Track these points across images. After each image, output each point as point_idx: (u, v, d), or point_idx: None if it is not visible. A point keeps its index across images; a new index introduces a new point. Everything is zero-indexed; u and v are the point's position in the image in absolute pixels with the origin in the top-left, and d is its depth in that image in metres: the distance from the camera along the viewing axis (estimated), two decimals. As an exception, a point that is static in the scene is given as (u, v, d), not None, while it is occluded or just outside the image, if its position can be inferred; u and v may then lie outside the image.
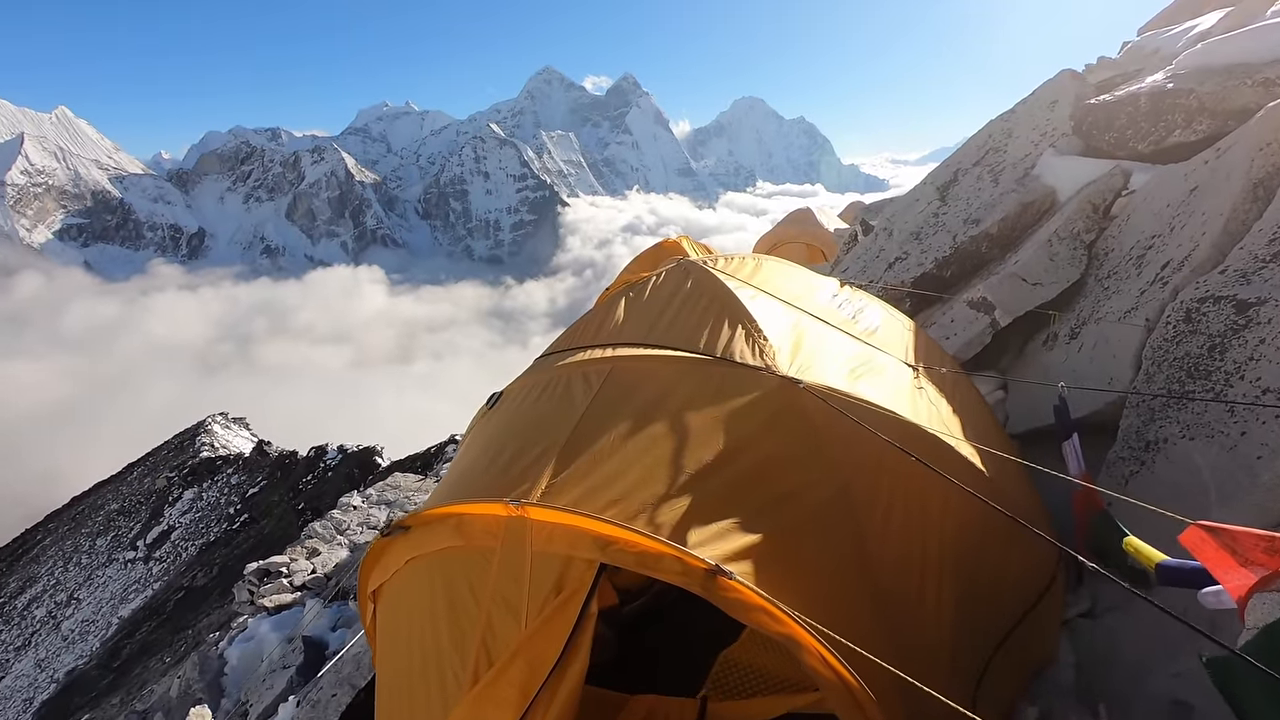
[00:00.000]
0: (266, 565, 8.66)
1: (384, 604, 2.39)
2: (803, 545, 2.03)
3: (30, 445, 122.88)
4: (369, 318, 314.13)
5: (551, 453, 2.12)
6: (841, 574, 2.04)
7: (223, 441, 38.25)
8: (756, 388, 2.31)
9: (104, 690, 20.09)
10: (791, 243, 13.55)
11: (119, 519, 35.02)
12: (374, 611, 2.41)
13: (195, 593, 23.56)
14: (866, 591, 2.08)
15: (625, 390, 2.36)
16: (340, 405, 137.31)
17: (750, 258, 3.24)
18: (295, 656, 6.42)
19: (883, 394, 2.43)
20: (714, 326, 2.54)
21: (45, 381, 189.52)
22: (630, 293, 2.94)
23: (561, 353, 2.72)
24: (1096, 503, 2.44)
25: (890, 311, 3.41)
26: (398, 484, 11.05)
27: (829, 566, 2.03)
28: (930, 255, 5.64)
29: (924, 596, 2.17)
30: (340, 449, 28.01)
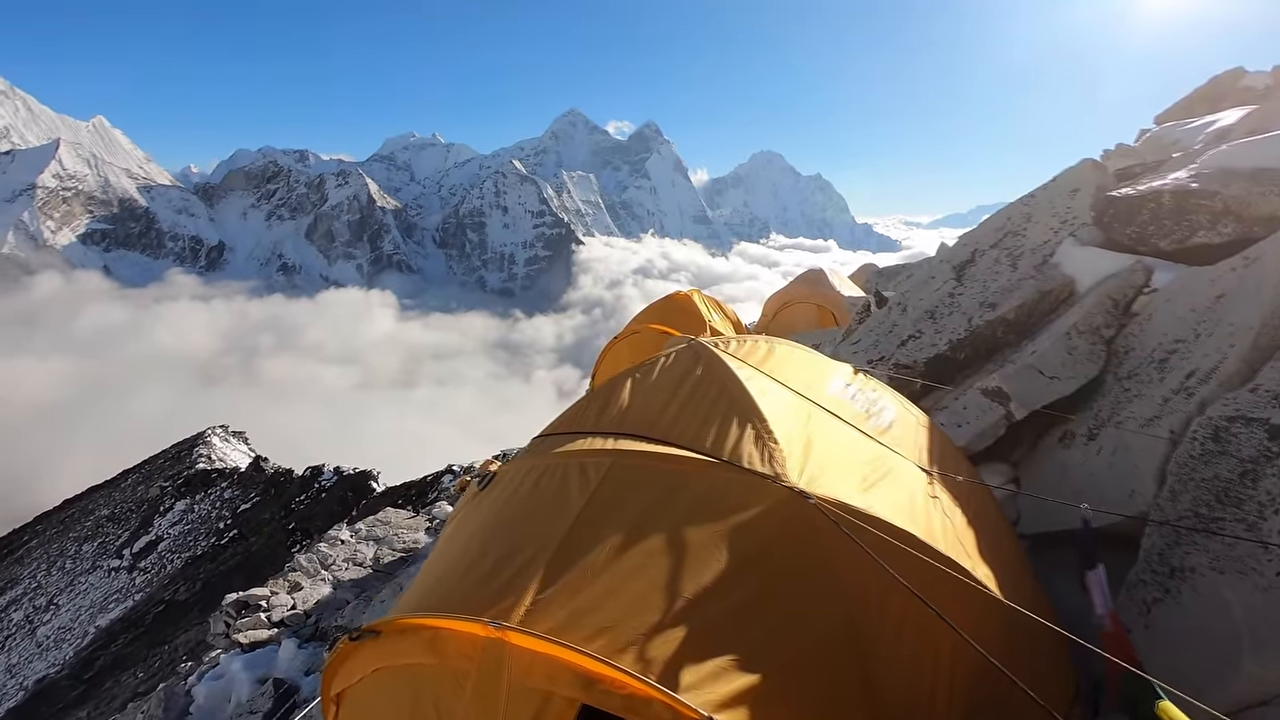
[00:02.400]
0: (246, 598, 8.45)
1: (347, 712, 2.24)
2: (805, 685, 1.88)
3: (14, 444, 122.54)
4: (377, 341, 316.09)
5: (539, 562, 1.99)
6: (845, 717, 1.88)
7: (220, 454, 38.06)
8: (763, 499, 2.18)
9: (72, 702, 19.60)
10: (803, 303, 13.56)
11: (108, 525, 34.64)
12: (335, 716, 2.26)
13: (176, 607, 23.14)
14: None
15: (623, 491, 2.24)
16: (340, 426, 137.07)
17: (763, 341, 3.16)
18: (264, 701, 6.19)
19: (896, 505, 2.30)
20: (722, 423, 2.43)
21: (45, 381, 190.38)
22: (637, 373, 2.84)
23: (561, 435, 2.63)
24: (1128, 651, 2.29)
25: (904, 404, 3.31)
26: (387, 519, 10.86)
27: (831, 711, 1.89)
28: (944, 336, 5.57)
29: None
30: (336, 470, 27.80)
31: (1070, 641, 2.54)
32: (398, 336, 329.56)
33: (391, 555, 9.36)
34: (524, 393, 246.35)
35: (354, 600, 7.98)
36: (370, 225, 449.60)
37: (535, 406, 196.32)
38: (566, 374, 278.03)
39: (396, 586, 7.38)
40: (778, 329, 13.17)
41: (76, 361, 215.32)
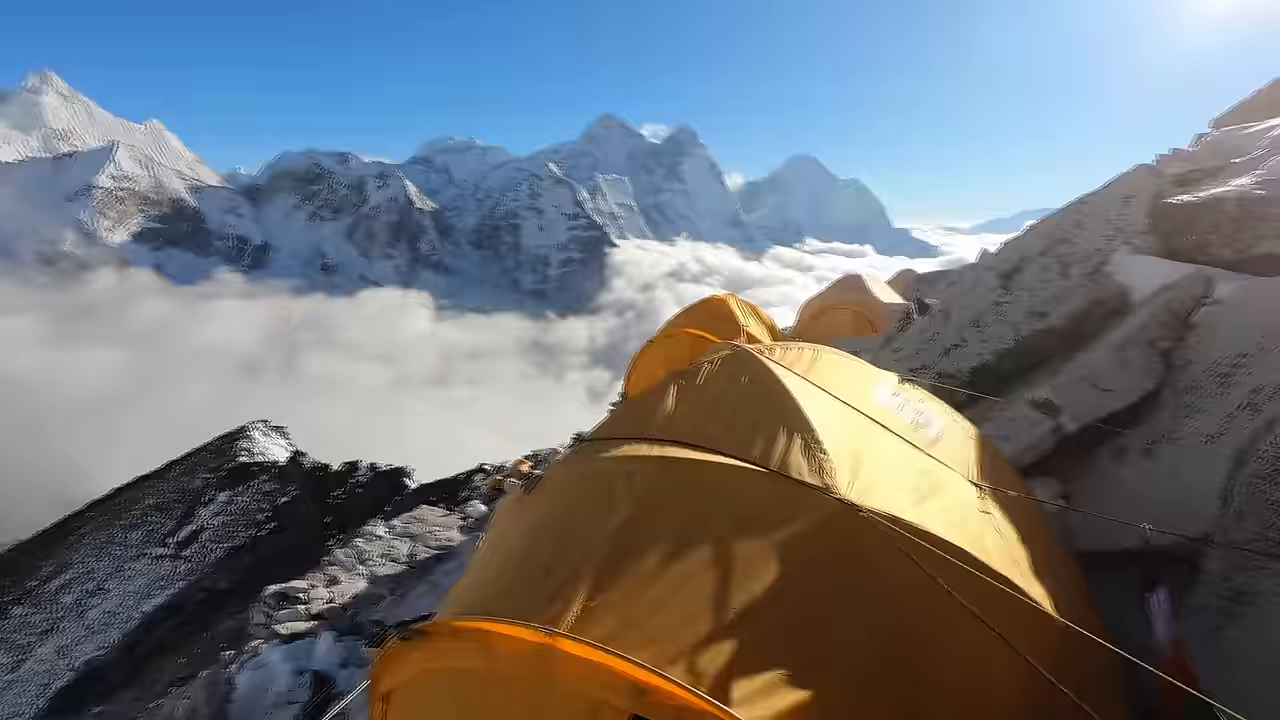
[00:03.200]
0: (285, 589, 8.65)
1: (396, 712, 2.25)
2: (856, 703, 1.83)
3: (64, 432, 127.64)
4: (413, 340, 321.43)
5: (587, 569, 1.98)
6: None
7: (261, 448, 39.07)
8: (813, 511, 2.14)
9: (118, 684, 20.27)
10: (841, 308, 13.37)
11: (154, 514, 35.79)
12: (384, 715, 2.28)
13: (216, 596, 23.82)
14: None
15: (671, 499, 2.22)
16: (376, 422, 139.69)
17: (808, 349, 3.11)
18: (302, 691, 6.32)
19: (948, 520, 2.24)
20: (770, 432, 2.39)
21: (100, 373, 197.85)
22: (682, 379, 2.82)
23: (606, 440, 2.62)
24: (1191, 678, 2.19)
25: (952, 415, 3.23)
26: (422, 517, 11.01)
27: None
28: (990, 345, 5.44)
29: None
30: (371, 467, 28.35)
31: (1128, 666, 2.45)
32: (433, 336, 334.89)
33: (426, 552, 9.50)
34: (556, 393, 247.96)
35: (390, 596, 8.11)
36: (409, 226, 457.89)
37: (567, 407, 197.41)
38: (598, 376, 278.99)
39: (431, 583, 7.48)
40: (814, 334, 13.01)
41: (128, 355, 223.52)
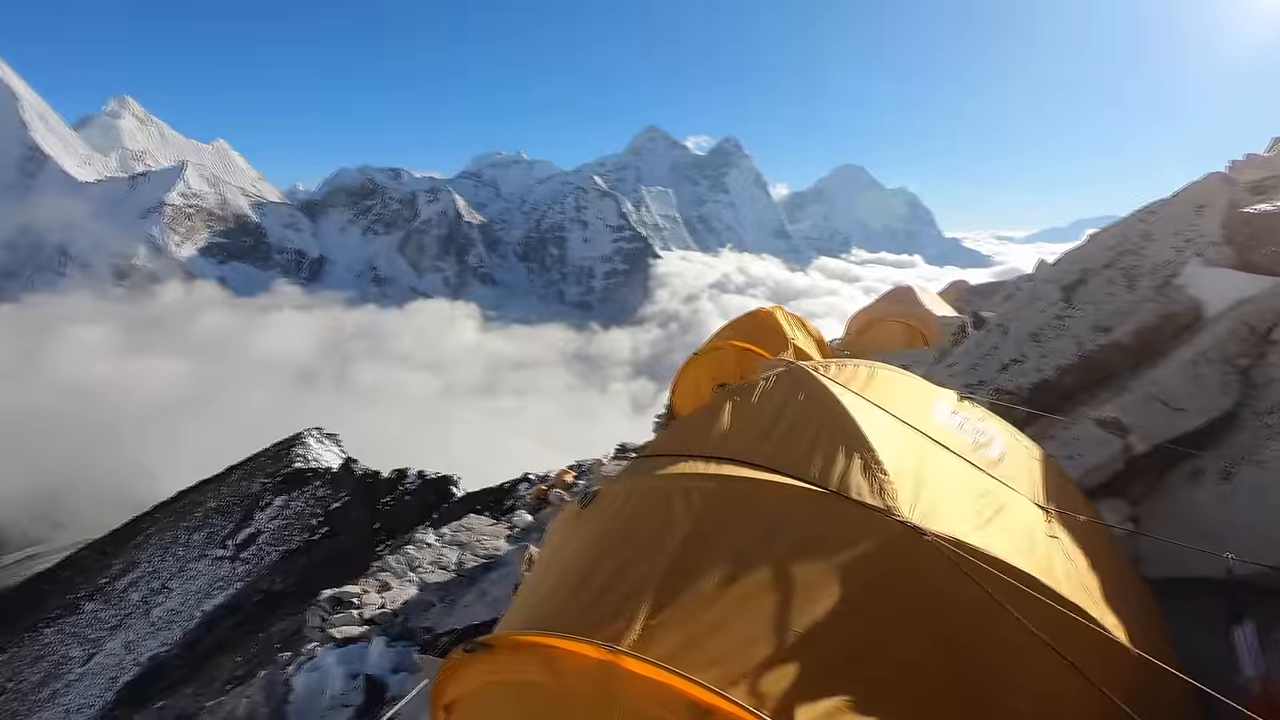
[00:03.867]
0: (339, 594, 8.88)
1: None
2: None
3: (138, 436, 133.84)
4: (461, 350, 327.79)
5: (647, 586, 1.98)
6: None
7: (315, 455, 40.36)
8: (874, 533, 2.10)
9: (180, 680, 21.03)
10: (891, 321, 13.12)
11: (215, 517, 37.27)
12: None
13: (272, 597, 24.55)
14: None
15: (730, 518, 2.20)
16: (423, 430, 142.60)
17: (864, 365, 3.06)
18: (356, 695, 6.47)
19: (1015, 545, 2.17)
20: (828, 451, 2.36)
21: (167, 380, 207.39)
22: (737, 396, 2.81)
23: (661, 457, 2.63)
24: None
25: (1014, 435, 3.13)
26: (470, 526, 11.18)
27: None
28: (1051, 361, 5.25)
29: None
30: (420, 474, 28.94)
31: (1203, 700, 2.33)
32: (480, 346, 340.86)
33: (474, 561, 9.64)
34: (599, 404, 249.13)
35: (439, 603, 8.25)
36: (457, 239, 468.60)
37: (610, 418, 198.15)
38: (642, 387, 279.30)
39: (480, 591, 7.58)
40: (863, 347, 12.80)
41: (193, 363, 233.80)
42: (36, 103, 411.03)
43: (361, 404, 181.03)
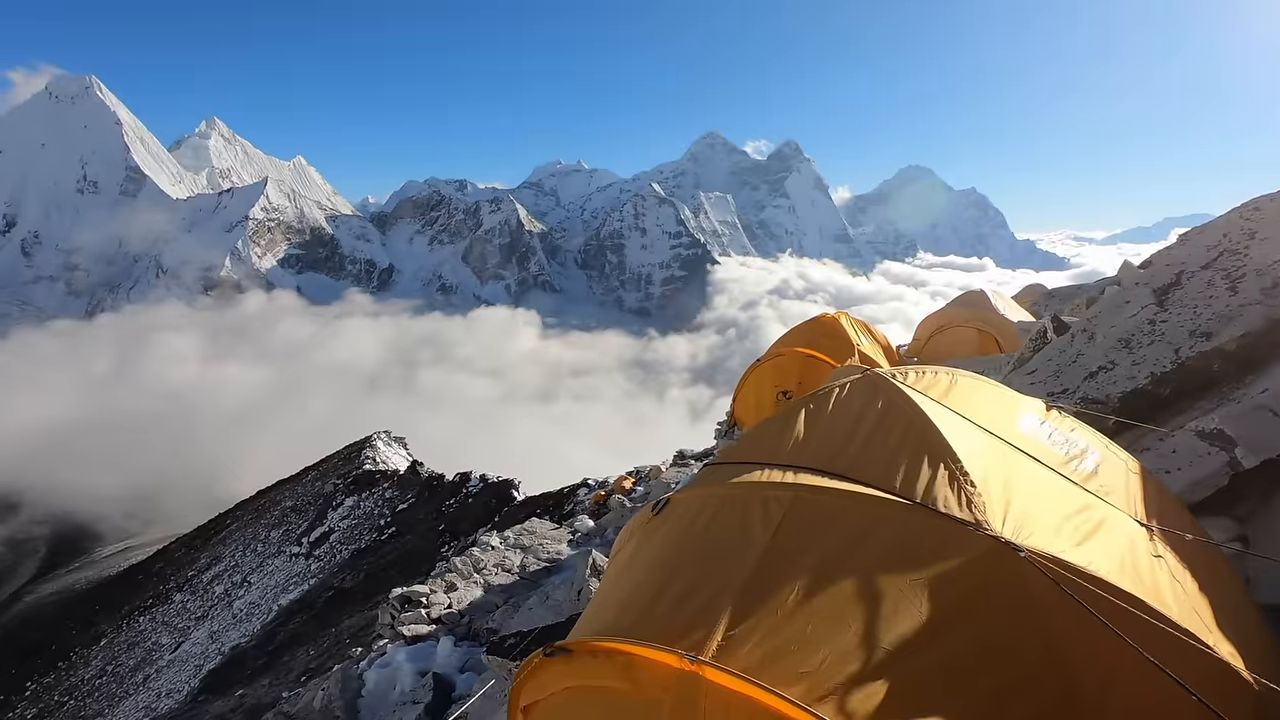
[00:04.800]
0: (408, 593, 9.14)
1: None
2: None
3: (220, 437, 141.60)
4: (521, 356, 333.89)
5: (728, 595, 1.94)
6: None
7: (383, 457, 41.83)
8: (964, 548, 2.00)
9: (258, 670, 22.00)
10: (962, 326, 12.61)
11: (291, 515, 39.05)
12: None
13: (342, 594, 25.46)
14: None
15: (810, 529, 2.14)
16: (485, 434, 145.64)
17: (944, 372, 2.94)
18: (425, 693, 6.62)
19: (1117, 564, 2.03)
20: (911, 462, 2.27)
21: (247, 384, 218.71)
22: (811, 403, 2.73)
23: (735, 465, 2.58)
24: None
25: (1108, 446, 2.95)
26: (533, 529, 11.33)
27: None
28: (1144, 369, 4.94)
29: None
30: (482, 478, 29.57)
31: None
32: (540, 353, 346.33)
33: (537, 564, 9.77)
34: (657, 411, 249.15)
35: (503, 605, 8.39)
36: (519, 248, 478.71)
37: (668, 424, 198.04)
38: (699, 393, 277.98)
39: (543, 595, 7.67)
40: (933, 353, 12.36)
41: (272, 368, 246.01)
42: (136, 126, 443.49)
43: (425, 408, 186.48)
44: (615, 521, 10.91)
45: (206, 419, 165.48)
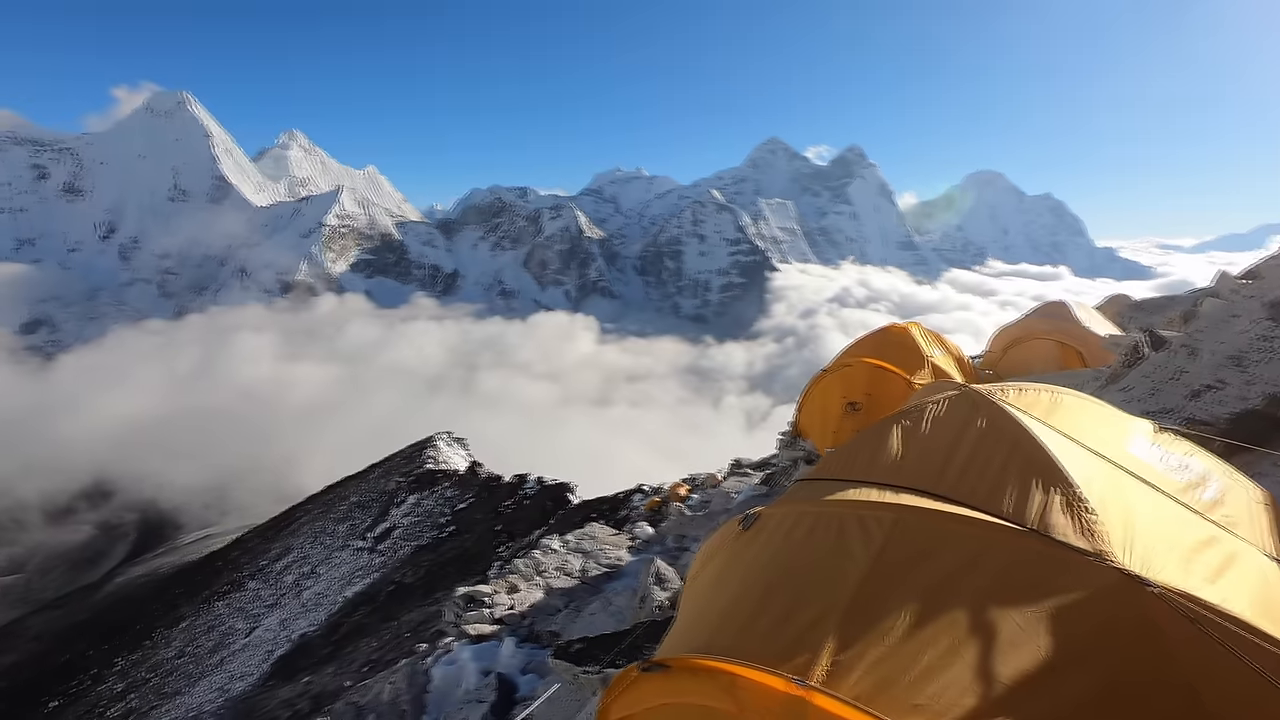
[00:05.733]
0: (472, 592, 9.32)
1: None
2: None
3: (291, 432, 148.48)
4: (578, 361, 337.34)
5: (831, 617, 1.86)
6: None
7: (444, 457, 42.97)
8: (1086, 581, 1.87)
9: (323, 659, 22.81)
10: (1041, 338, 12.05)
11: (357, 511, 40.50)
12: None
13: (403, 589, 26.19)
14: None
15: (914, 553, 2.04)
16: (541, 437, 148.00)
17: (1044, 389, 2.78)
18: (489, 692, 6.73)
19: (1251, 604, 1.86)
20: (1020, 485, 2.13)
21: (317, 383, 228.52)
22: (905, 420, 2.62)
23: (827, 481, 2.50)
24: None
25: (1230, 473, 2.72)
26: (593, 534, 11.39)
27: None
28: (1258, 388, 4.59)
29: None
30: (539, 481, 30.01)
31: None
32: (596, 358, 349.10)
33: (596, 569, 9.81)
34: (712, 418, 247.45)
35: (564, 609, 8.45)
36: (578, 254, 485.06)
37: (723, 432, 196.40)
38: (756, 402, 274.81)
39: (605, 600, 7.69)
40: (1008, 367, 11.85)
41: (340, 368, 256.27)
42: (224, 138, 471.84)
43: (484, 410, 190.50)
44: (674, 529, 10.86)
45: (278, 415, 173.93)
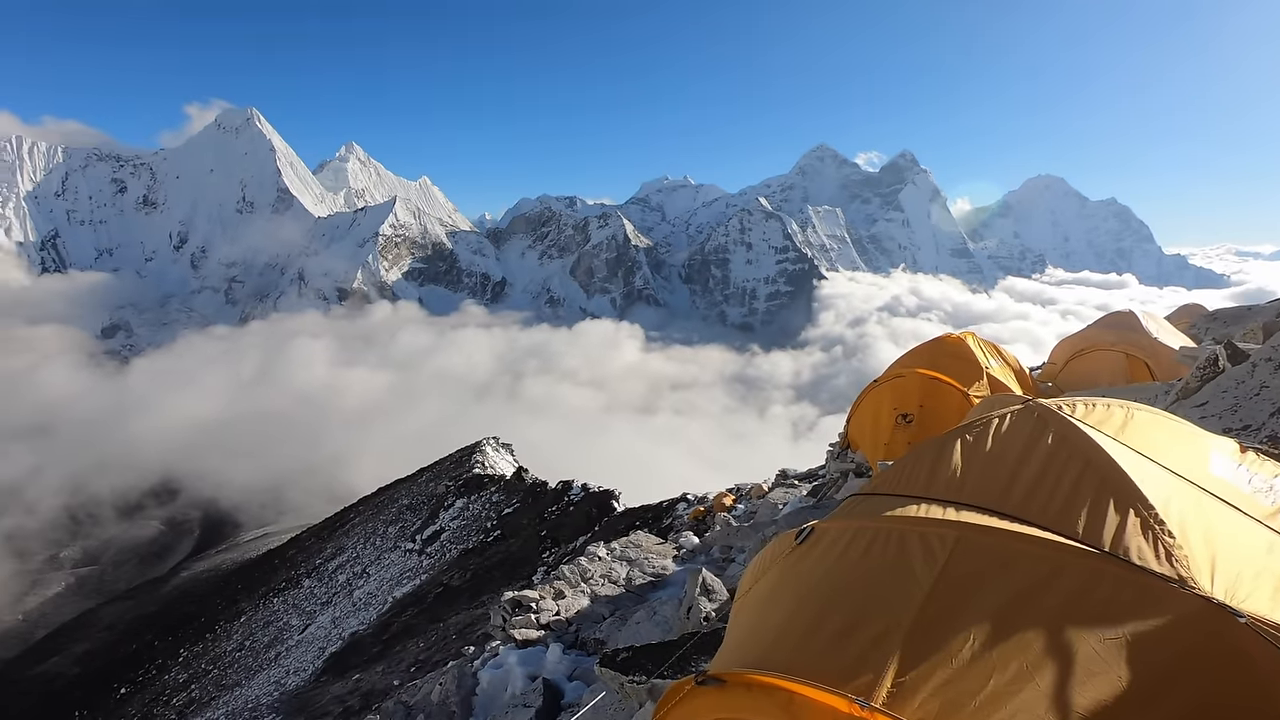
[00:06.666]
0: (519, 597, 9.41)
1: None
2: None
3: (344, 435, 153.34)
4: (623, 369, 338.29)
5: (894, 636, 1.81)
6: None
7: (491, 462, 43.69)
8: (1166, 608, 1.77)
9: (373, 657, 23.31)
10: (1107, 350, 11.55)
11: (407, 513, 41.47)
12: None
13: (450, 591, 26.62)
14: None
15: (980, 573, 1.97)
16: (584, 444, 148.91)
17: (1116, 405, 2.64)
18: (535, 697, 6.78)
19: (1356, 640, 1.75)
20: (1094, 505, 2.04)
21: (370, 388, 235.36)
22: (967, 434, 2.53)
23: (885, 496, 2.44)
24: None
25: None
26: (639, 542, 11.39)
27: None
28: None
29: None
30: (583, 488, 30.17)
31: None
32: (642, 366, 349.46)
33: (642, 578, 9.80)
34: (757, 428, 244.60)
35: (610, 617, 8.46)
36: (625, 262, 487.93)
37: (768, 442, 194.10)
38: (803, 411, 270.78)
39: (650, 609, 7.67)
40: (1071, 381, 11.39)
41: (392, 374, 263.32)
42: (287, 152, 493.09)
43: (529, 416, 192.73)
44: (720, 539, 10.77)
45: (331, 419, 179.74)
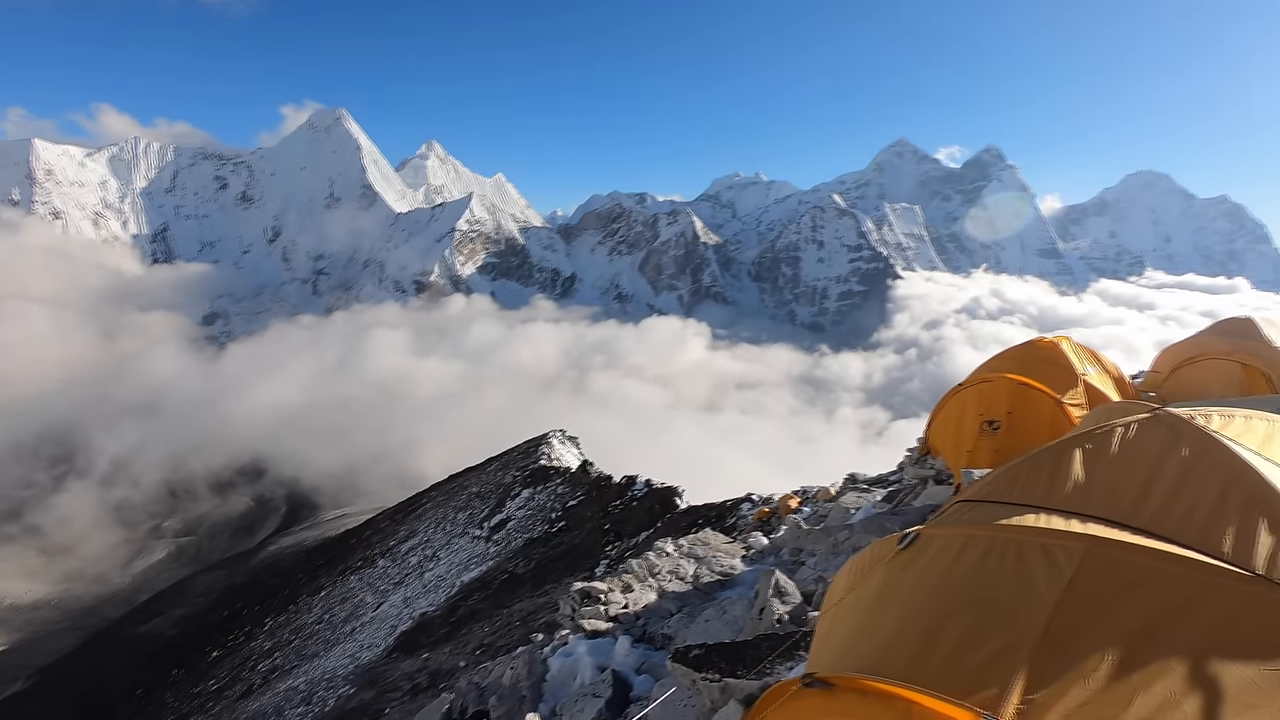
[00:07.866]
0: (588, 588, 9.54)
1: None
2: None
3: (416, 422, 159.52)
4: (689, 366, 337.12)
5: (1019, 652, 1.71)
6: None
7: (558, 454, 44.44)
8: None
9: (441, 638, 24.08)
10: (1219, 358, 10.69)
11: (475, 501, 42.70)
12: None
13: (515, 579, 27.22)
14: None
15: (1112, 591, 1.83)
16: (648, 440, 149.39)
17: (1258, 417, 2.42)
18: (604, 688, 6.85)
19: None
20: (1242, 523, 1.87)
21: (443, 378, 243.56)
22: (1088, 443, 2.37)
23: (995, 504, 2.32)
24: None
25: None
26: (707, 540, 11.34)
27: None
28: None
29: None
30: (647, 483, 30.27)
31: None
32: (708, 364, 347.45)
33: (710, 576, 9.75)
34: (824, 430, 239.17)
35: (677, 613, 8.46)
36: (693, 259, 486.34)
37: (835, 444, 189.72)
38: (873, 415, 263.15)
39: (720, 608, 7.62)
40: (1178, 390, 10.60)
41: (463, 365, 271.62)
42: (372, 151, 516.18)
43: (593, 410, 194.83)
44: (790, 541, 10.59)
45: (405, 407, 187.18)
